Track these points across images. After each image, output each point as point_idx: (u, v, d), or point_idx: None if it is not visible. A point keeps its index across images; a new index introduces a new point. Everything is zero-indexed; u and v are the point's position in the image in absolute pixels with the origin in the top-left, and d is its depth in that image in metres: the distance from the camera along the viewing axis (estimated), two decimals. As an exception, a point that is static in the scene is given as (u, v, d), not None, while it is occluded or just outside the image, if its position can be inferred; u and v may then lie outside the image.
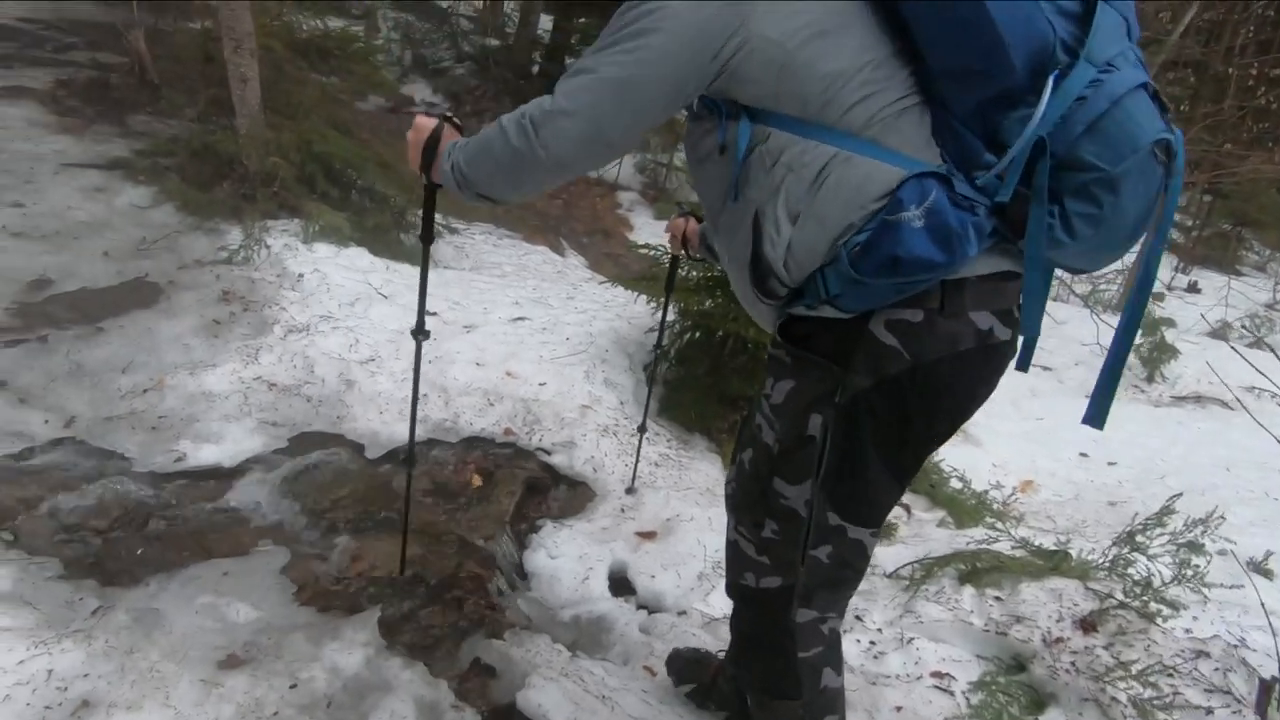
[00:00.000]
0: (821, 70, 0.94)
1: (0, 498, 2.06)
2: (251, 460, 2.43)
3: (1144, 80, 0.92)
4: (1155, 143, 0.90)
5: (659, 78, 0.96)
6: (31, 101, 4.97)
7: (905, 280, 0.94)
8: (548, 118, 0.99)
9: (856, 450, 1.06)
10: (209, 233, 3.72)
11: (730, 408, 3.18)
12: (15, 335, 2.84)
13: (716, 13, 0.93)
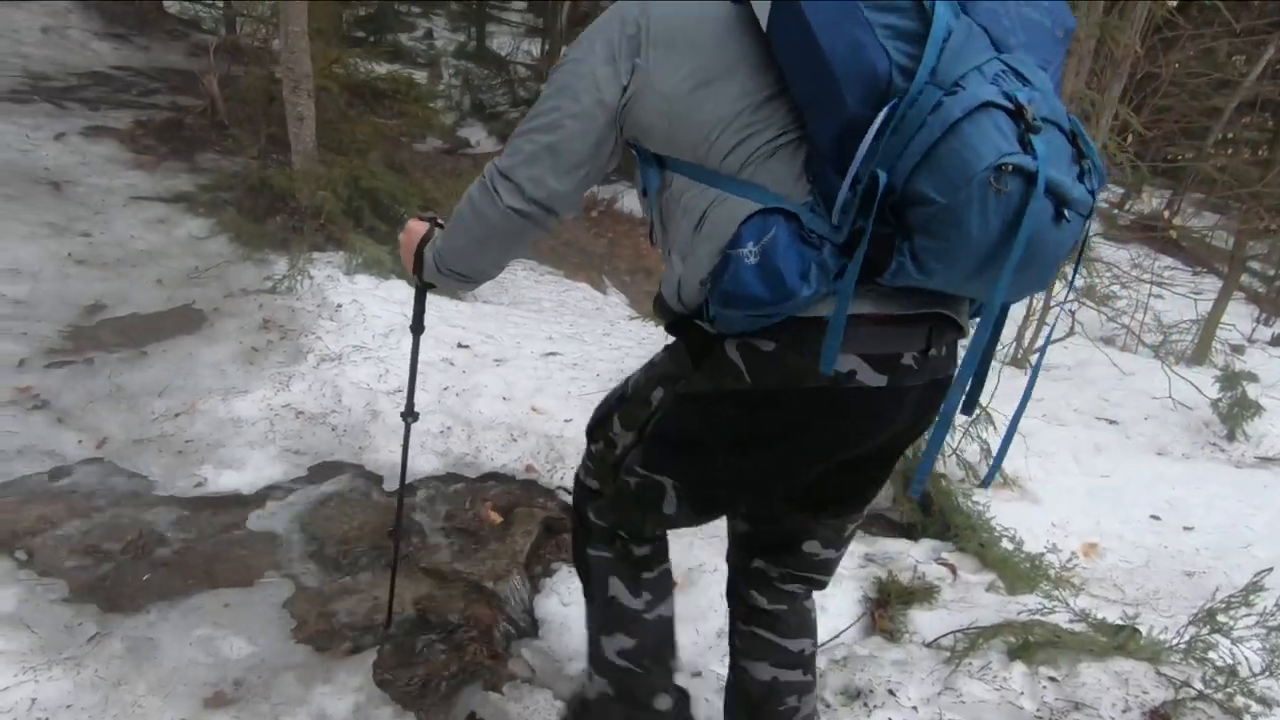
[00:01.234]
0: (704, 118, 0.96)
1: (22, 516, 2.09)
2: (270, 488, 2.41)
3: (992, 97, 0.80)
4: (992, 168, 0.79)
5: (578, 133, 1.04)
6: (112, 140, 5.30)
7: (745, 314, 0.95)
8: (505, 172, 1.08)
9: (667, 434, 1.16)
10: (258, 263, 3.83)
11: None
12: (64, 357, 2.94)
13: (611, 70, 1.00)
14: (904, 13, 0.83)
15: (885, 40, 0.82)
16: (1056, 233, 0.84)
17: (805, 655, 1.34)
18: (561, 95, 1.04)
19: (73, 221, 3.99)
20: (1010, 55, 0.85)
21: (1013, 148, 0.80)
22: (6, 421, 2.54)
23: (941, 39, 0.81)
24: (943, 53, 0.81)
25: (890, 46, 0.82)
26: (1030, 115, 0.80)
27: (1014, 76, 0.83)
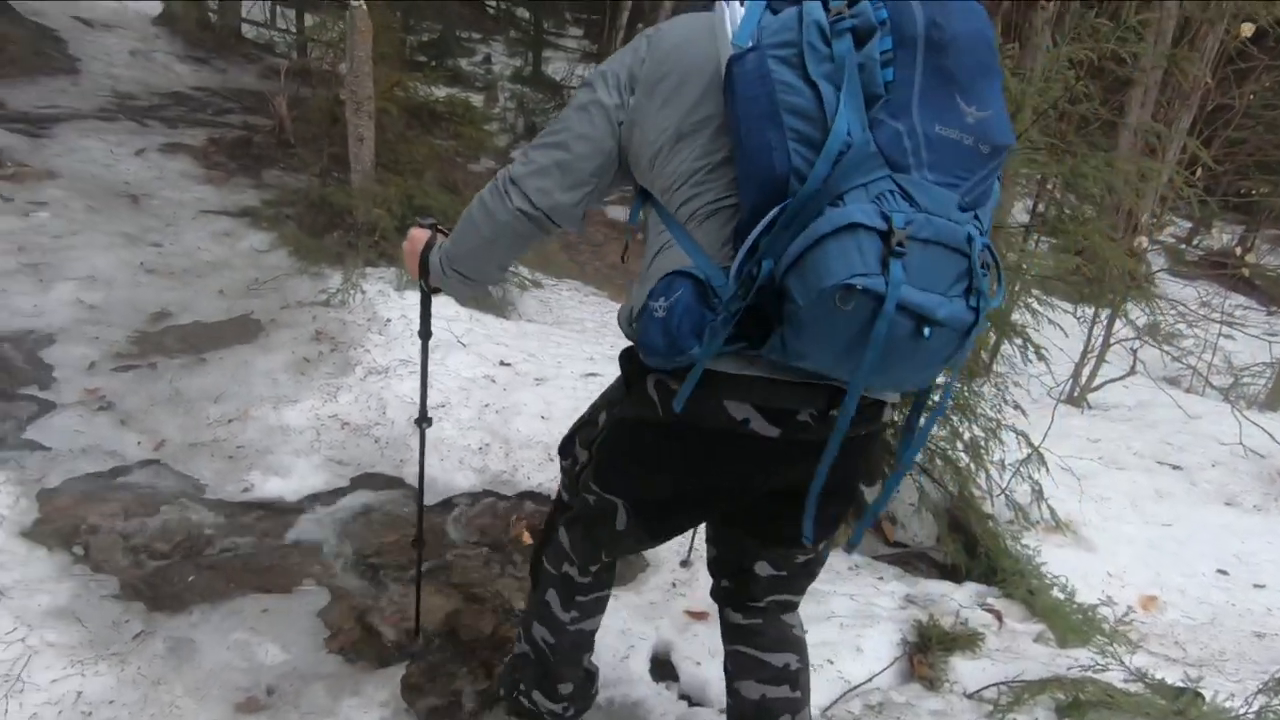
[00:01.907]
0: (674, 168, 1.05)
1: (82, 513, 2.18)
2: (312, 497, 2.47)
3: (861, 219, 0.85)
4: (839, 286, 0.85)
5: (585, 153, 1.13)
6: (186, 156, 5.60)
7: (652, 359, 1.05)
8: (516, 180, 1.15)
9: (607, 456, 1.28)
10: (313, 276, 3.96)
11: (802, 483, 2.97)
12: (130, 361, 3.08)
13: (617, 100, 1.10)
14: (812, 122, 0.89)
15: (793, 144, 0.89)
16: (917, 344, 0.89)
17: (790, 670, 1.35)
18: (575, 116, 1.13)
19: (146, 232, 4.21)
20: (906, 175, 0.89)
21: (867, 269, 0.85)
22: (74, 421, 2.67)
23: (836, 153, 0.87)
24: (836, 166, 0.87)
25: (794, 150, 0.89)
26: (896, 240, 0.85)
27: (901, 197, 0.88)
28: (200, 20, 9.73)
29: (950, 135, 0.90)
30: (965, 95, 0.90)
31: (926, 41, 0.88)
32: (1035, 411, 3.45)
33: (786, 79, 0.90)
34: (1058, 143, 2.84)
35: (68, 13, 9.05)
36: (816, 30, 0.89)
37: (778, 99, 0.89)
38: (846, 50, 0.88)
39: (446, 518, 2.47)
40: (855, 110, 0.88)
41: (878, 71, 0.88)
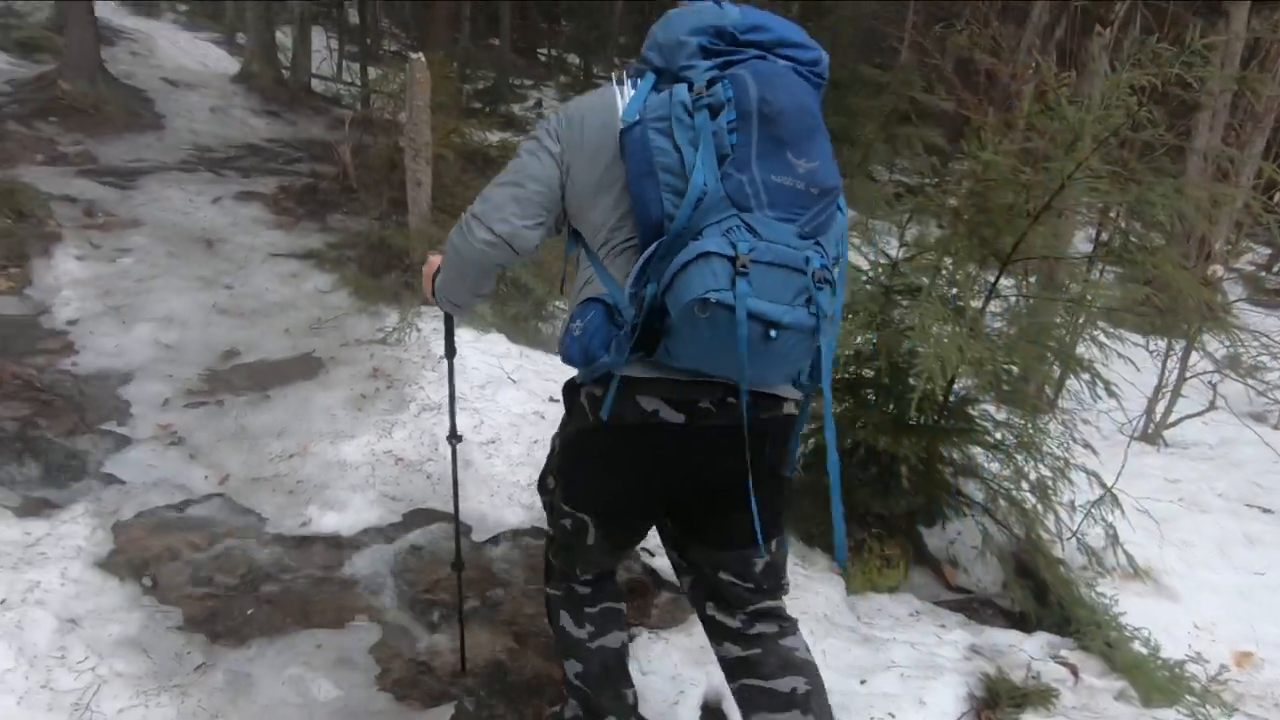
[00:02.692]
0: (595, 216, 1.28)
1: (151, 544, 2.27)
2: (366, 531, 2.52)
3: (713, 248, 1.09)
4: (697, 300, 1.07)
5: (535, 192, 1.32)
6: (258, 203, 5.93)
7: (575, 367, 1.31)
8: (478, 216, 1.34)
9: (564, 470, 1.47)
10: (372, 315, 4.10)
11: (858, 524, 2.87)
12: (200, 398, 3.23)
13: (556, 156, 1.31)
14: (678, 176, 1.14)
15: (665, 194, 1.14)
16: (768, 344, 1.11)
17: (799, 694, 1.36)
18: (528, 160, 1.33)
19: (219, 275, 4.45)
20: (750, 214, 1.12)
21: (719, 285, 1.07)
22: (148, 455, 2.80)
23: (694, 200, 1.11)
24: (695, 210, 1.11)
25: (666, 200, 1.14)
26: (740, 263, 1.07)
27: (746, 230, 1.10)
28: (274, 77, 10.40)
29: (784, 182, 1.13)
30: (794, 151, 1.14)
31: (759, 114, 1.12)
32: (1107, 450, 3.27)
33: (660, 144, 1.14)
34: (1121, 170, 2.75)
35: (157, 75, 9.80)
36: (682, 107, 1.14)
37: (654, 160, 1.14)
38: (703, 122, 1.12)
39: (495, 554, 2.47)
40: (709, 166, 1.11)
41: (726, 137, 1.12)
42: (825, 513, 2.84)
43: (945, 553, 3.05)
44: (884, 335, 2.74)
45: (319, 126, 9.56)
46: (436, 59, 4.81)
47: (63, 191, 5.26)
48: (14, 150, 6.24)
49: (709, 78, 1.15)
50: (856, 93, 7.74)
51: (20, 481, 2.59)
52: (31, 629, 1.77)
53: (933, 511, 3.03)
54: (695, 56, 1.19)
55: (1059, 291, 2.88)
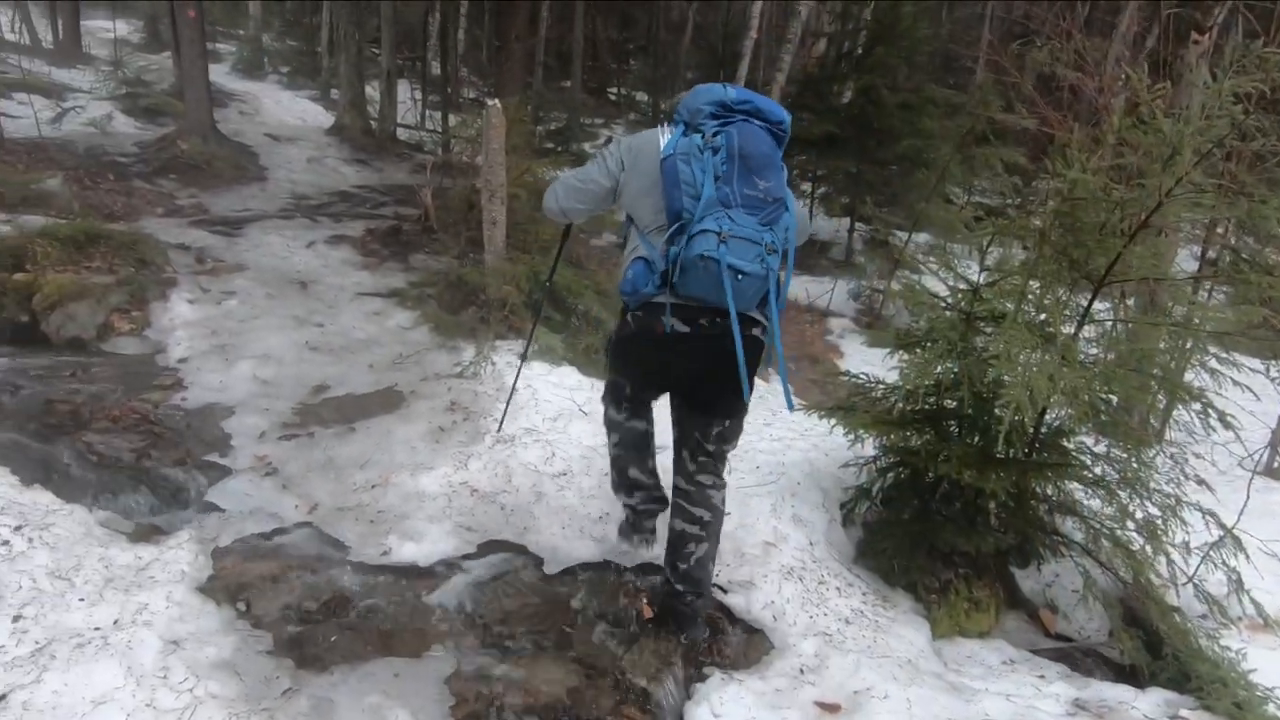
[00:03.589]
0: (641, 210, 2.10)
1: (246, 570, 2.40)
2: (442, 562, 2.57)
3: (709, 227, 1.90)
4: (698, 256, 1.89)
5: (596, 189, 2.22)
6: (347, 246, 6.30)
7: (628, 297, 2.11)
8: (559, 190, 2.29)
9: (612, 357, 2.37)
10: (450, 350, 4.26)
11: (943, 563, 2.72)
12: (293, 430, 3.42)
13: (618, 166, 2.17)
14: (692, 188, 1.94)
15: (685, 198, 1.94)
16: (738, 283, 1.91)
17: (704, 520, 2.26)
18: (595, 169, 2.20)
19: (311, 314, 4.73)
20: (730, 210, 1.92)
21: (711, 248, 1.89)
22: (245, 485, 2.97)
23: (703, 202, 1.92)
24: (701, 207, 1.92)
25: (686, 201, 1.94)
26: (722, 237, 1.89)
27: (728, 219, 1.91)
28: (364, 127, 11.12)
29: (752, 194, 1.95)
30: (758, 176, 1.96)
31: (740, 154, 1.95)
32: (1225, 486, 2.99)
33: (684, 169, 1.96)
34: (1228, 184, 2.55)
35: (261, 131, 10.66)
36: (697, 148, 1.97)
37: (680, 178, 1.96)
38: (709, 158, 1.95)
39: (566, 589, 2.47)
40: (710, 183, 1.93)
41: (720, 167, 1.94)
42: (907, 550, 2.72)
43: (1042, 596, 2.84)
44: (966, 364, 2.62)
45: (403, 172, 10.13)
46: (511, 104, 5.03)
47: (178, 240, 5.75)
48: (139, 204, 6.89)
49: (713, 130, 1.99)
50: (930, 115, 7.57)
51: (135, 509, 2.79)
52: (139, 649, 1.89)
53: (1026, 551, 2.84)
54: (707, 118, 2.04)
55: (1162, 315, 2.68)
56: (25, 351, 4.03)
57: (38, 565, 2.14)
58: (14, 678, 1.72)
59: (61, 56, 12.99)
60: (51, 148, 7.56)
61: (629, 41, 19.50)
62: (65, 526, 2.37)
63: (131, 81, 11.39)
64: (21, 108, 8.09)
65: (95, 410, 3.24)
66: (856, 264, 8.02)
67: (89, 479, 2.86)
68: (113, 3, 16.57)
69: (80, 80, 11.60)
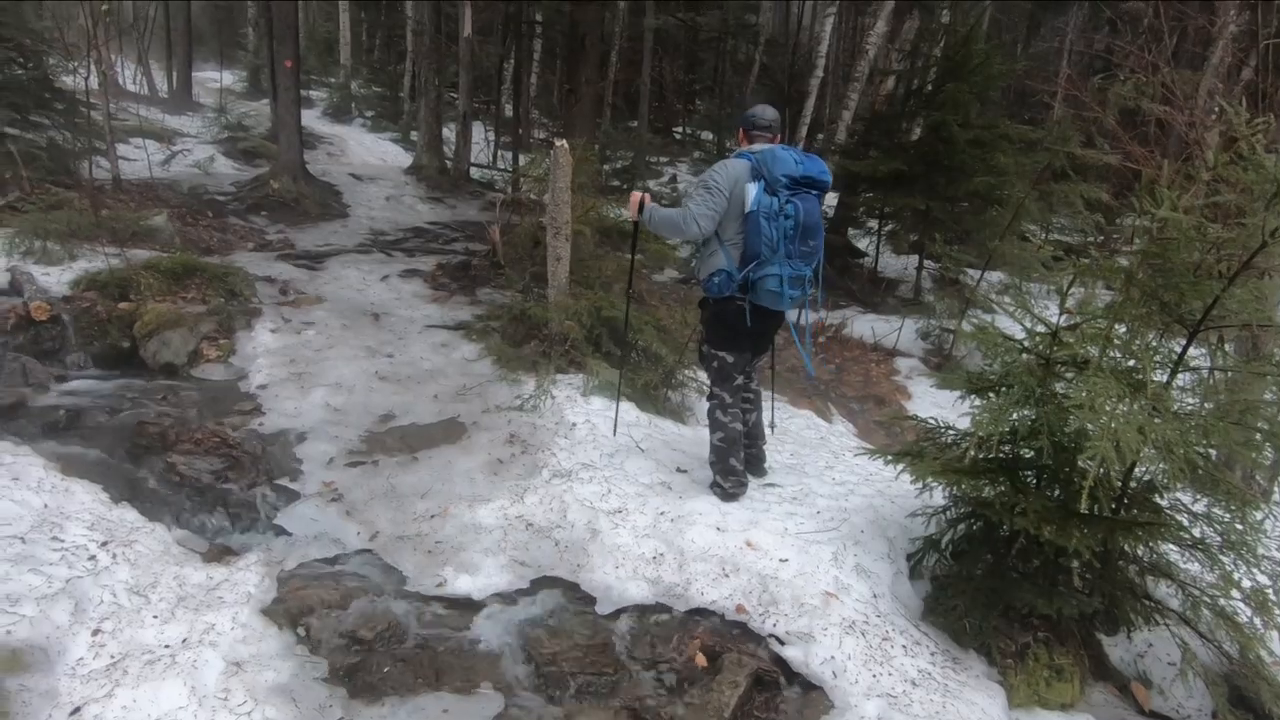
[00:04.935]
0: (727, 229, 3.02)
1: (307, 595, 2.45)
2: (496, 596, 2.57)
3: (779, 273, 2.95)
4: (767, 290, 2.97)
5: (716, 206, 2.98)
6: (419, 280, 6.54)
7: (712, 293, 3.11)
8: (688, 215, 2.97)
9: (709, 333, 3.23)
10: (511, 383, 4.33)
11: (1020, 625, 2.53)
12: (359, 458, 3.52)
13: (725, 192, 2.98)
14: (769, 238, 2.91)
15: (764, 245, 2.92)
16: (790, 300, 3.03)
17: (751, 399, 3.41)
18: (714, 197, 2.96)
19: (382, 345, 4.91)
20: (790, 259, 2.94)
21: (775, 286, 2.96)
22: (312, 510, 3.07)
23: (774, 250, 2.93)
24: (773, 255, 2.93)
25: (764, 247, 2.91)
26: (783, 279, 2.95)
27: (788, 266, 2.94)
28: (439, 167, 11.65)
29: (805, 249, 2.95)
30: (811, 238, 2.95)
31: (803, 225, 2.90)
32: (1347, 555, 2.69)
33: (764, 226, 2.89)
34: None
35: (346, 171, 11.31)
36: (774, 210, 2.89)
37: (761, 230, 2.89)
38: (782, 221, 2.89)
39: (617, 631, 2.42)
40: (782, 242, 2.91)
41: (789, 229, 2.89)
42: (980, 609, 2.55)
43: (1133, 668, 2.61)
44: (1044, 412, 2.47)
45: (474, 209, 10.52)
46: (578, 144, 5.16)
47: (265, 273, 6.11)
48: (233, 239, 7.38)
49: (785, 199, 2.88)
50: (1004, 151, 7.35)
51: (210, 529, 2.92)
52: (204, 669, 1.95)
53: (1115, 617, 2.62)
54: (784, 186, 2.88)
55: (1268, 363, 2.47)
56: (126, 375, 4.33)
57: (119, 580, 2.25)
58: (89, 690, 1.80)
59: (174, 104, 14.20)
60: (160, 187, 8.21)
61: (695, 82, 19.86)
62: (146, 544, 2.50)
63: (233, 126, 12.33)
64: (137, 151, 8.84)
65: (181, 433, 3.43)
66: (925, 303, 7.78)
67: (170, 498, 3.01)
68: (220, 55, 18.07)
69: (189, 126, 12.64)
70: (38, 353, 4.20)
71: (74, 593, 2.11)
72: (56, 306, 4.47)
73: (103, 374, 4.32)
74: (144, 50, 16.06)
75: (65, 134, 7.48)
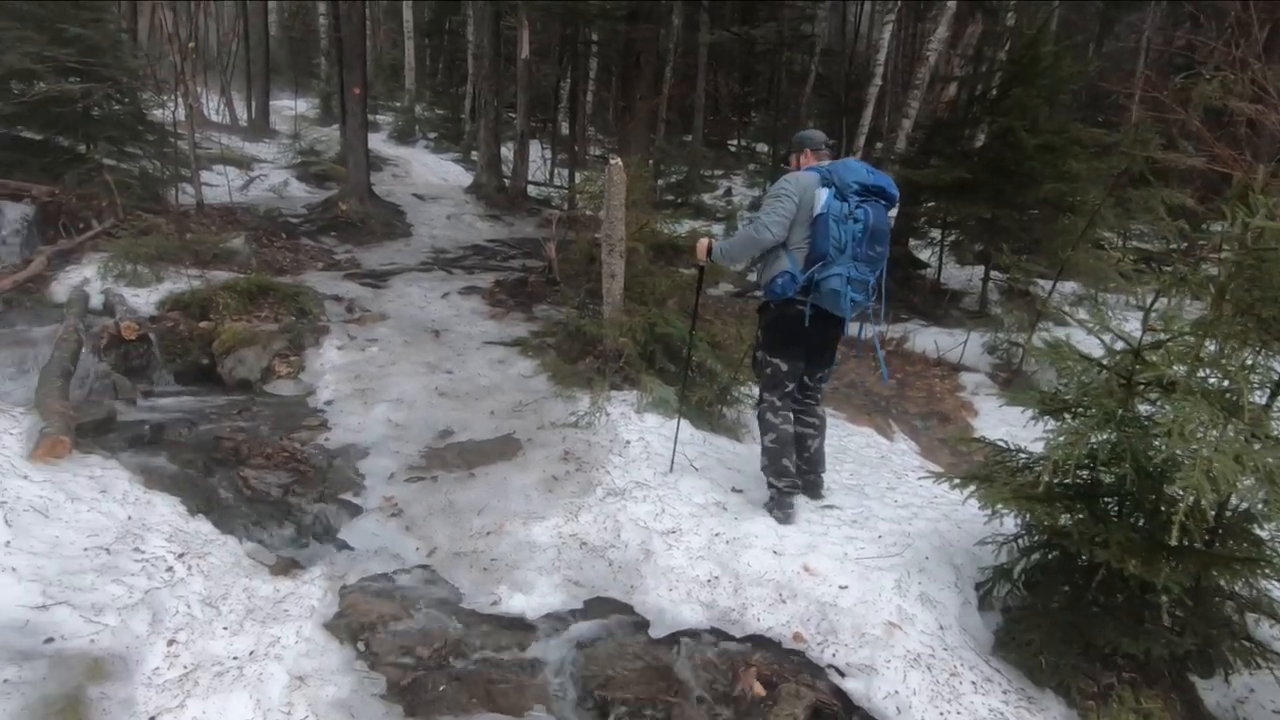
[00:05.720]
0: (793, 235, 3.05)
1: (368, 610, 2.50)
2: (549, 616, 2.57)
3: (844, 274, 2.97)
4: (831, 289, 2.97)
5: (786, 213, 3.04)
6: (477, 296, 6.69)
7: (774, 298, 3.13)
8: (764, 224, 3.03)
9: (765, 339, 3.27)
10: (566, 399, 4.35)
11: (1102, 664, 2.37)
12: (419, 473, 3.60)
13: (794, 202, 3.03)
14: (837, 239, 2.95)
15: (831, 246, 2.94)
16: (852, 304, 3.02)
17: (816, 425, 3.41)
18: (784, 206, 3.02)
19: (442, 361, 5.03)
20: (856, 261, 2.97)
21: (840, 286, 2.96)
22: (373, 525, 3.14)
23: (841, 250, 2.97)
24: (840, 256, 2.96)
25: (832, 248, 2.95)
26: (848, 280, 2.96)
27: (854, 267, 2.96)
28: (498, 185, 11.94)
29: (871, 254, 2.99)
30: (878, 243, 3.00)
31: (871, 229, 2.96)
32: None
33: (833, 228, 2.93)
34: None
35: (409, 191, 11.71)
36: (844, 214, 2.94)
37: (830, 232, 2.93)
38: (851, 224, 2.94)
39: (671, 657, 2.38)
40: (850, 244, 2.95)
41: (858, 232, 2.94)
42: (1057, 645, 2.40)
43: (1232, 715, 2.40)
44: (1127, 435, 2.32)
45: (531, 226, 10.72)
46: (633, 160, 5.20)
47: (333, 292, 6.36)
48: (304, 260, 7.72)
49: (856, 204, 2.94)
50: (1076, 156, 7.02)
51: (278, 542, 3.02)
52: (269, 682, 2.00)
53: (1210, 658, 2.42)
54: (854, 192, 2.95)
55: (1384, 384, 2.25)
56: (204, 390, 4.56)
57: (193, 592, 2.34)
58: (163, 700, 1.88)
59: (253, 132, 15.03)
60: (239, 211, 8.68)
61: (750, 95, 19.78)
62: (219, 556, 2.60)
63: (306, 151, 12.95)
64: (219, 177, 9.38)
65: (252, 447, 3.58)
66: (992, 315, 7.47)
67: (242, 511, 3.14)
68: (295, 83, 19.05)
69: (266, 152, 13.34)
70: (126, 370, 4.47)
71: (152, 603, 2.21)
72: (144, 326, 4.75)
73: (184, 390, 4.57)
74: (227, 82, 17.10)
75: (155, 163, 8.01)
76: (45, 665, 1.85)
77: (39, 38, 6.82)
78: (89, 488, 2.77)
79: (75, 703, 1.78)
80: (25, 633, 1.95)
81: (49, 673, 1.83)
